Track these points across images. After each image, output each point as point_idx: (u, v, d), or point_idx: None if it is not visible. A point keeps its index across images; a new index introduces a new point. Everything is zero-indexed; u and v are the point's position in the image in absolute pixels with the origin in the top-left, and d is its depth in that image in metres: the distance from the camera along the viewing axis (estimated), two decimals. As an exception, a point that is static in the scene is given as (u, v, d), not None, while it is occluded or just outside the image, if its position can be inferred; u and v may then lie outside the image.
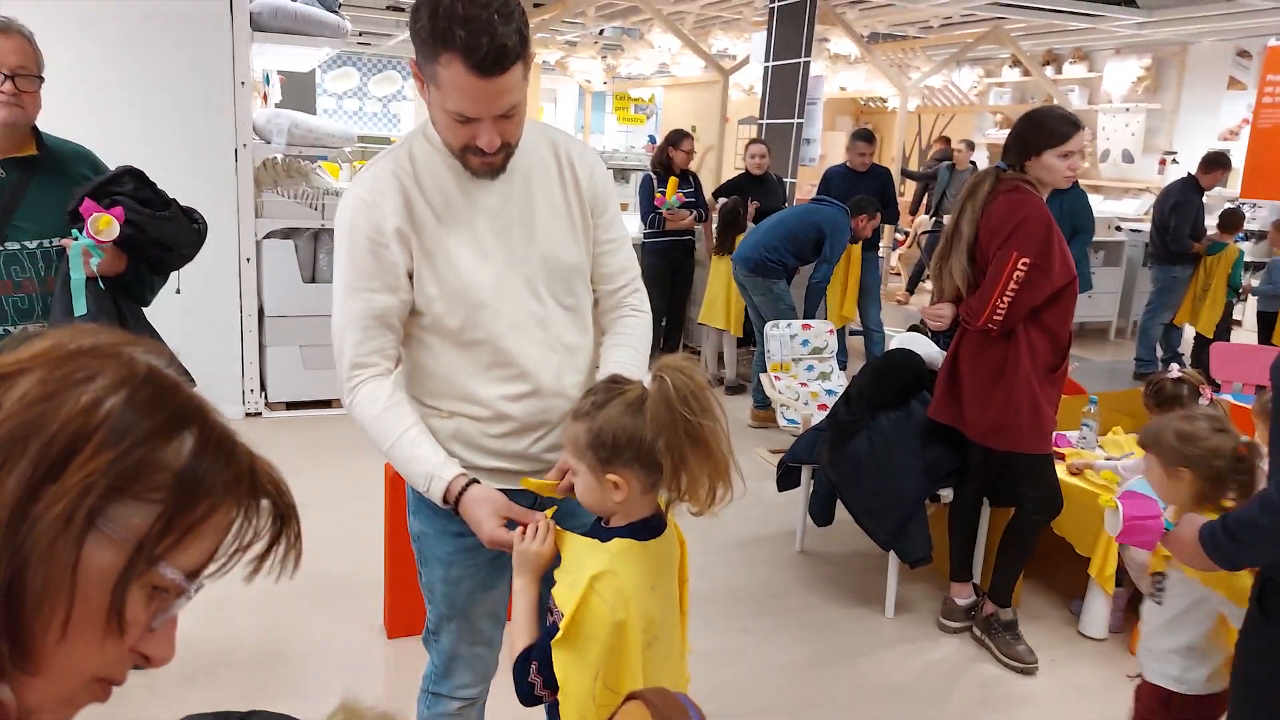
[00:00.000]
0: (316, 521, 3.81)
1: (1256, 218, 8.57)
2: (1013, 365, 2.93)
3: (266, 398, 5.13)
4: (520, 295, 1.64)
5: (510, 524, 1.53)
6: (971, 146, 9.52)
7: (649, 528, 1.47)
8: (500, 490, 1.60)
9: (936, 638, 3.25)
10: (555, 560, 1.50)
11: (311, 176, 5.48)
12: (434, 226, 1.60)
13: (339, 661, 2.89)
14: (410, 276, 1.61)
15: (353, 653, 2.94)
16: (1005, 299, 2.84)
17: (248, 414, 5.06)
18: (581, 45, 10.82)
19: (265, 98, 6.98)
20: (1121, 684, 2.98)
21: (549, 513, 1.53)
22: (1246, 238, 7.71)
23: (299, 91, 10.45)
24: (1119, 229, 8.54)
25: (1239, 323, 7.52)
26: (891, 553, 3.28)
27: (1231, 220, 6.58)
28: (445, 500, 1.58)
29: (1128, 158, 10.86)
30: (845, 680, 2.98)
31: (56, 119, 2.42)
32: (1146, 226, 8.74)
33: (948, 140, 9.53)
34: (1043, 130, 2.85)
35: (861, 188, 5.98)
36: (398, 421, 1.61)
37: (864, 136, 6.20)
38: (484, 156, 1.54)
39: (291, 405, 5.18)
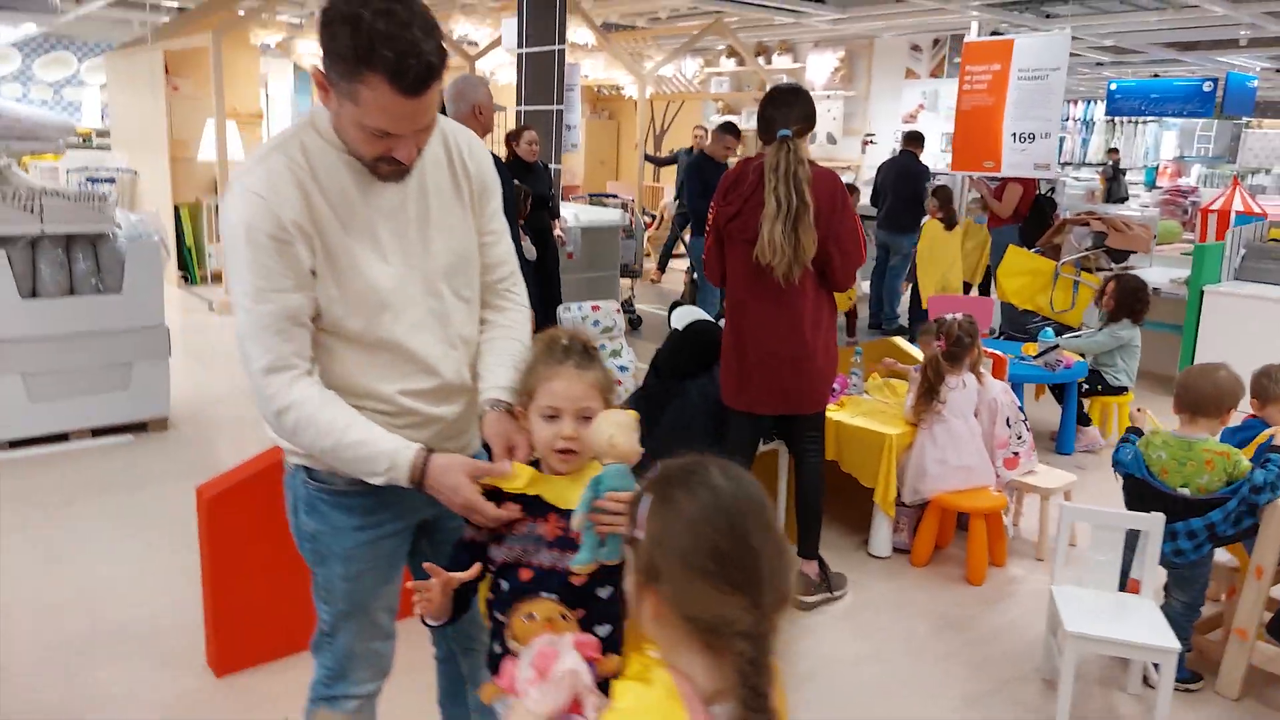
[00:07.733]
0: (97, 570, 3.40)
1: None
2: (827, 328, 3.22)
3: (-24, 437, 4.36)
4: (420, 294, 1.64)
5: (489, 494, 1.52)
6: (707, 132, 10.19)
7: None
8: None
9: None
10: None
11: (8, 174, 4.65)
12: (335, 227, 1.55)
13: (169, 713, 2.61)
14: (314, 274, 1.55)
15: (183, 701, 2.65)
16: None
17: (-50, 460, 4.29)
18: (307, 28, 10.34)
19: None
20: (902, 594, 3.51)
21: (528, 478, 1.52)
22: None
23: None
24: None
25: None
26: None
27: None
28: (412, 478, 1.54)
29: (831, 139, 12.13)
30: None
31: None
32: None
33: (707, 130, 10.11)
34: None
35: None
36: (339, 415, 1.55)
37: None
38: (398, 165, 1.55)
39: (15, 444, 4.39)
